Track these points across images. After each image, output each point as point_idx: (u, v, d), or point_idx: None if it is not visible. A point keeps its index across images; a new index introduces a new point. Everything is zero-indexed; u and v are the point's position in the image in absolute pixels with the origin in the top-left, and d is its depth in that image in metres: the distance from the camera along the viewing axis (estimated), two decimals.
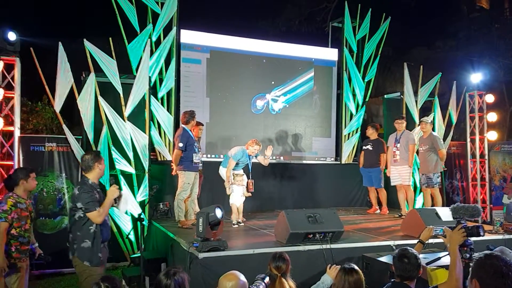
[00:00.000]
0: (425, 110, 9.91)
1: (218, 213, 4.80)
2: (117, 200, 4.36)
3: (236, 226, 6.72)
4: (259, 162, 7.30)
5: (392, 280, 3.34)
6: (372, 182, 8.56)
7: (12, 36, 6.64)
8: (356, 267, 3.42)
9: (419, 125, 8.75)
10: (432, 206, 7.54)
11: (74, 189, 4.32)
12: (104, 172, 5.86)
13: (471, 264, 2.52)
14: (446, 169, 8.25)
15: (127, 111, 7.39)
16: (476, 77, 10.15)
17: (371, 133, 8.58)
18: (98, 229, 4.17)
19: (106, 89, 7.35)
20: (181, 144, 6.46)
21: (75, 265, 4.25)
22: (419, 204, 8.99)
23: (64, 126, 7.08)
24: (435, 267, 3.85)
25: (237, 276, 2.75)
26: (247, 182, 6.94)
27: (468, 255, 3.15)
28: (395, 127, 8.28)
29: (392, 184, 8.29)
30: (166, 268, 2.90)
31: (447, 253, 3.66)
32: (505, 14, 13.24)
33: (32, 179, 4.67)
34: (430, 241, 4.12)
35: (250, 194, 6.98)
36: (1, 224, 4.30)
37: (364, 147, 8.70)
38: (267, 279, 3.44)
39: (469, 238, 3.19)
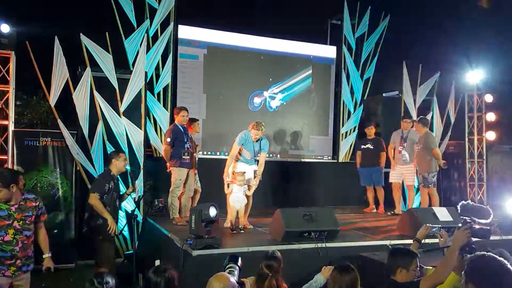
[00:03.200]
0: (424, 109, 9.86)
1: (212, 212, 4.74)
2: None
3: (235, 232, 5.97)
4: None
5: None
6: (371, 181, 8.50)
7: (5, 28, 6.56)
8: (351, 265, 3.38)
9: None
10: (429, 206, 7.50)
11: None
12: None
13: None
14: (446, 167, 8.17)
15: (122, 107, 7.32)
16: (475, 77, 10.10)
17: (372, 133, 8.55)
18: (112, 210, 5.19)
19: (102, 84, 7.28)
20: (168, 139, 6.44)
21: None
22: (416, 203, 8.94)
23: (59, 121, 7.01)
24: (431, 267, 3.81)
25: (227, 278, 2.70)
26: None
27: (468, 256, 3.07)
28: (402, 125, 8.24)
29: (390, 180, 8.26)
30: (155, 266, 2.86)
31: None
32: (505, 14, 13.19)
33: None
34: (426, 241, 4.07)
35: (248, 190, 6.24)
36: None
37: (363, 146, 8.64)
38: (239, 261, 3.42)
39: (472, 239, 3.12)
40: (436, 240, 4.37)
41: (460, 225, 3.18)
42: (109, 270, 4.74)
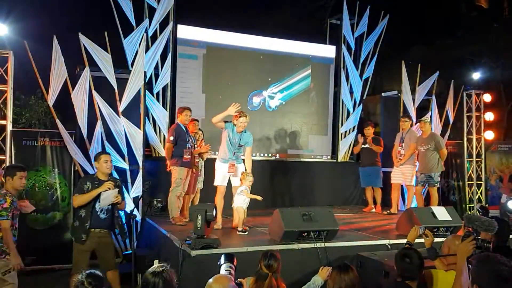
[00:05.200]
0: (422, 108, 9.87)
1: (214, 212, 4.82)
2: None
3: (241, 233, 5.83)
4: (257, 161, 6.92)
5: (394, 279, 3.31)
6: (370, 181, 8.50)
7: (2, 29, 6.56)
8: (350, 265, 3.38)
9: (416, 123, 8.74)
10: (427, 205, 7.50)
11: None
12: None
13: None
14: (443, 169, 8.21)
15: (121, 106, 7.31)
16: (474, 76, 10.11)
17: (371, 133, 8.54)
18: (87, 214, 4.83)
19: (100, 84, 7.26)
20: (171, 138, 6.43)
21: None
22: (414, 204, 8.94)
23: (58, 121, 7.00)
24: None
25: (227, 280, 2.68)
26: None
27: (470, 266, 3.03)
28: (400, 124, 8.29)
29: (392, 181, 8.27)
30: (153, 266, 2.83)
31: None
32: (504, 13, 13.18)
33: (19, 178, 4.54)
34: (418, 241, 4.04)
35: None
36: (5, 223, 4.27)
37: (362, 146, 8.64)
38: (235, 260, 3.41)
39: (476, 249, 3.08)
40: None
41: (464, 236, 3.13)
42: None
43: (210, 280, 2.68)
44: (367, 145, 8.51)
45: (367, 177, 8.52)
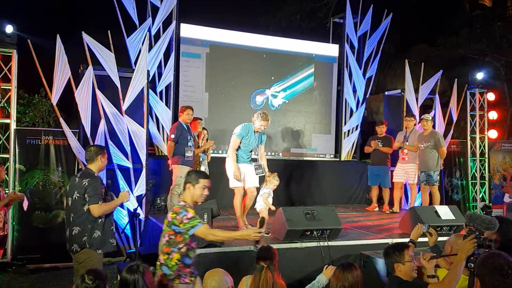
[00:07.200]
0: (426, 107, 9.86)
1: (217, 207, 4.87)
2: None
3: (265, 235, 5.37)
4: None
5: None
6: (377, 180, 8.47)
7: (9, 29, 6.58)
8: (354, 264, 3.39)
9: (419, 122, 8.71)
10: (430, 204, 7.49)
11: (79, 179, 4.31)
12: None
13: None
14: (443, 168, 8.20)
15: (125, 105, 7.31)
16: (477, 75, 10.08)
17: (383, 130, 8.52)
18: (104, 219, 4.39)
19: (104, 83, 7.27)
20: (172, 136, 6.46)
21: (80, 255, 4.43)
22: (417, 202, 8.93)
23: (61, 119, 7.02)
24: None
25: (221, 273, 2.69)
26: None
27: (473, 265, 3.01)
28: (404, 123, 8.29)
29: (394, 180, 8.25)
30: (127, 266, 2.85)
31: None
32: (507, 12, 13.17)
33: (202, 187, 3.72)
34: (422, 240, 4.04)
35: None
36: (199, 230, 3.53)
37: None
38: None
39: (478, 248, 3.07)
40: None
41: (466, 234, 3.12)
42: None
43: (206, 274, 2.71)
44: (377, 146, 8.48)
45: (375, 176, 8.48)
